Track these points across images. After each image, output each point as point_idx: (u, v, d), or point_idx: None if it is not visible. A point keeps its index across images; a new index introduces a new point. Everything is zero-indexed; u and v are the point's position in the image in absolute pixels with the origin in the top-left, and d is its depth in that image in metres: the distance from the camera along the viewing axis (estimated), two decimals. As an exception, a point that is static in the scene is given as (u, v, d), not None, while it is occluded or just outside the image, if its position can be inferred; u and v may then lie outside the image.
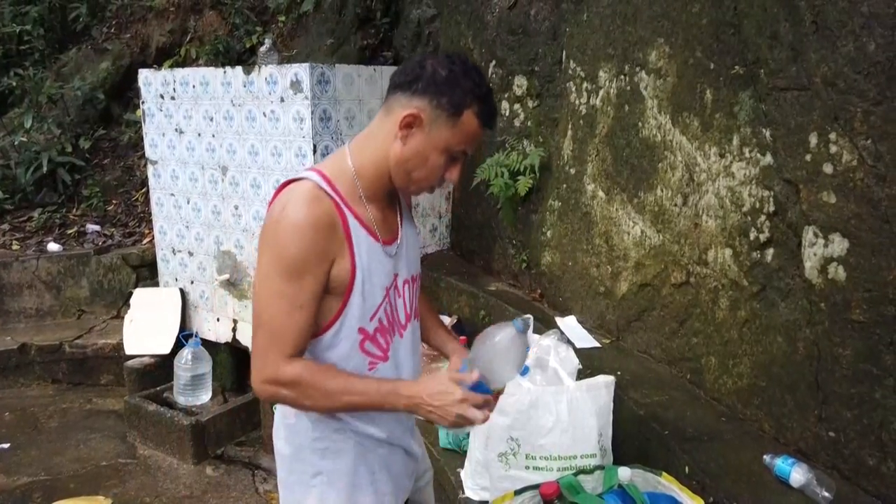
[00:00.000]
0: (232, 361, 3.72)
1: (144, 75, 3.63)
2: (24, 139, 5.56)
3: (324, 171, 1.29)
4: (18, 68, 5.80)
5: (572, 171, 2.91)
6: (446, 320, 3.06)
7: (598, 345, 2.65)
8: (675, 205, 2.36)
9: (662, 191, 2.41)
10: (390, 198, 1.39)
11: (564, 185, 2.96)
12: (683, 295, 2.35)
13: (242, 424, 3.32)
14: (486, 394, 1.27)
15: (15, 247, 4.91)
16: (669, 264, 2.40)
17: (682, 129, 2.31)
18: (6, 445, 3.44)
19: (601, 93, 2.74)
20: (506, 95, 3.45)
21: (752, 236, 2.03)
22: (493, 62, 3.52)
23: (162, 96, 3.57)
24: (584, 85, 2.84)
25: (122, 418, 3.54)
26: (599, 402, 1.95)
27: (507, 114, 3.44)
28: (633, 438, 2.12)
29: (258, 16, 6.02)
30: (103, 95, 5.88)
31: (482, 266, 3.66)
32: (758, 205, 2.01)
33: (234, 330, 3.62)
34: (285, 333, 1.22)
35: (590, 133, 2.80)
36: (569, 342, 2.47)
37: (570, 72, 2.96)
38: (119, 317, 4.26)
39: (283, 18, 5.67)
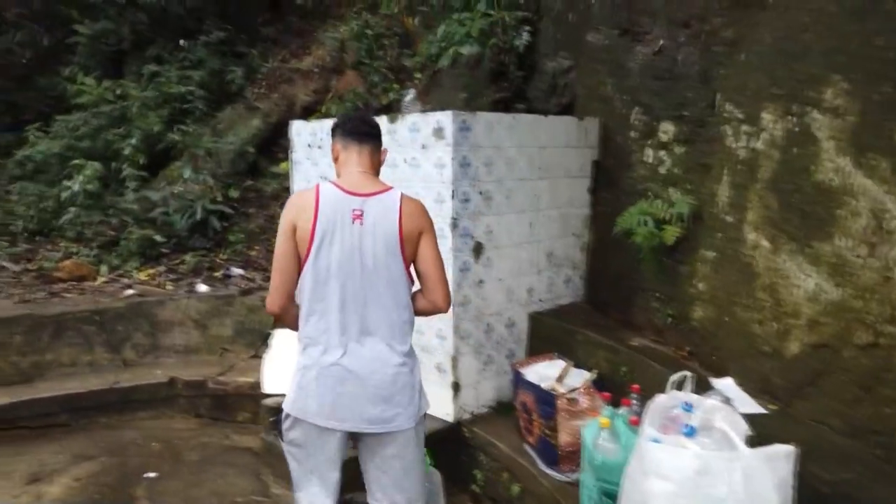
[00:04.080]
0: (362, 406, 3.72)
1: (296, 126, 3.84)
2: (182, 189, 6.07)
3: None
4: (182, 125, 6.38)
5: (729, 219, 2.71)
6: (584, 375, 2.90)
7: (763, 411, 2.39)
8: (859, 256, 2.11)
9: (842, 240, 2.17)
10: None
11: (720, 235, 2.76)
12: (870, 358, 2.07)
13: (371, 471, 3.28)
14: None
15: (168, 287, 5.28)
16: (852, 322, 2.13)
17: (868, 171, 2.08)
18: (153, 474, 3.60)
19: (763, 135, 2.55)
20: (649, 142, 3.33)
21: (964, 291, 1.76)
22: (637, 108, 3.41)
23: (310, 146, 3.75)
24: (743, 127, 2.67)
25: (257, 456, 3.61)
26: (780, 473, 1.72)
27: (650, 160, 3.31)
28: (817, 520, 1.85)
29: (395, 74, 6.31)
30: (253, 149, 6.34)
31: (620, 320, 3.47)
32: (972, 255, 1.74)
33: (366, 374, 3.63)
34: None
35: (750, 178, 2.60)
36: (732, 405, 2.24)
37: (725, 114, 2.79)
38: (257, 356, 4.43)
39: (419, 76, 5.89)
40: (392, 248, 2.11)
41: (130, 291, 5.23)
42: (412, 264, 2.20)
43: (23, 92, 8.34)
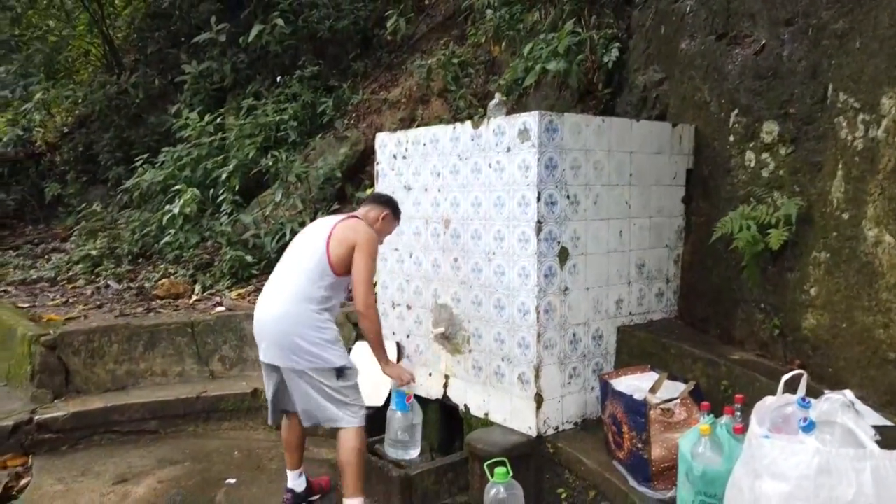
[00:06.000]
0: (441, 419, 3.60)
1: (381, 138, 3.88)
2: (273, 212, 6.27)
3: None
4: (275, 152, 6.64)
5: (845, 216, 2.46)
6: (680, 387, 2.67)
7: (889, 423, 2.10)
8: None
9: (985, 226, 1.91)
10: None
11: (834, 234, 2.51)
12: None
13: (449, 485, 3.14)
14: None
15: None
16: None
17: None
18: (233, 480, 3.61)
19: (885, 122, 2.32)
20: (750, 145, 3.12)
21: None
22: (735, 111, 3.23)
23: (395, 156, 3.77)
24: (860, 117, 2.45)
25: (333, 468, 3.54)
26: (919, 478, 1.47)
27: (752, 164, 3.10)
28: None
29: (480, 101, 6.35)
30: (340, 175, 6.49)
31: (718, 336, 3.22)
32: None
33: (445, 386, 3.52)
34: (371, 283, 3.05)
35: (870, 170, 2.37)
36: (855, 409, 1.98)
37: (839, 105, 2.58)
38: (338, 371, 4.41)
39: (504, 98, 5.88)
40: (321, 248, 3.01)
41: (221, 308, 5.39)
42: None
43: (134, 129, 9.00)
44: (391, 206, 3.32)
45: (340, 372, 2.97)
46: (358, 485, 2.96)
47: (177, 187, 6.65)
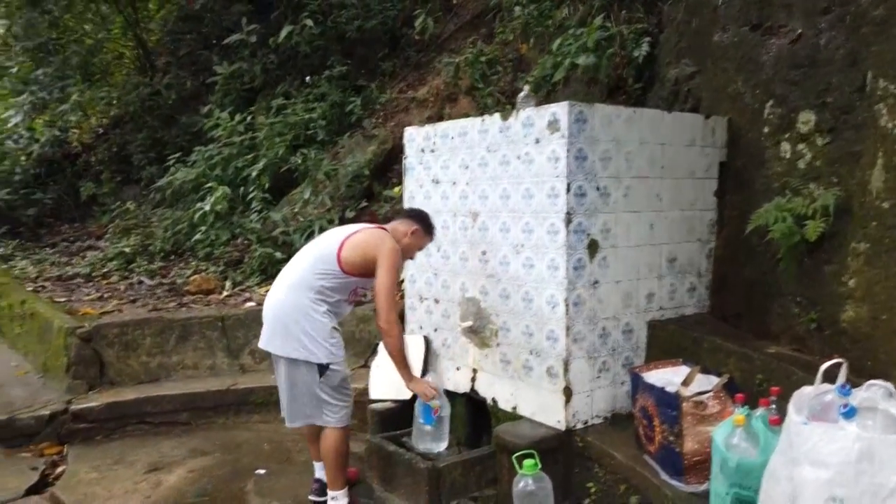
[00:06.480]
0: (468, 413, 3.58)
1: (409, 132, 3.89)
2: (301, 209, 6.33)
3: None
4: (304, 150, 6.70)
5: (885, 205, 2.40)
6: (713, 380, 2.63)
7: (934, 418, 2.03)
8: None
9: None
10: None
11: (874, 223, 2.45)
12: None
13: (477, 479, 3.12)
14: None
15: (285, 301, 5.45)
16: None
17: None
18: (263, 471, 3.65)
19: (926, 107, 2.26)
20: (786, 136, 3.06)
21: None
22: (770, 102, 3.17)
23: (423, 150, 3.78)
24: (900, 103, 2.38)
25: (361, 461, 3.56)
26: (967, 467, 1.42)
27: (788, 155, 3.04)
28: None
29: (508, 98, 6.33)
30: (368, 173, 6.53)
31: (752, 330, 3.16)
32: None
33: (472, 380, 3.51)
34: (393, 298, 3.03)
35: (911, 157, 2.30)
36: (898, 401, 1.92)
37: (878, 93, 2.52)
38: (366, 366, 4.44)
39: (532, 93, 5.85)
40: (334, 245, 3.01)
41: (251, 304, 5.45)
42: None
43: (167, 129, 9.16)
44: (421, 221, 3.25)
45: (323, 370, 2.95)
46: (336, 481, 3.06)
47: (208, 186, 6.75)
